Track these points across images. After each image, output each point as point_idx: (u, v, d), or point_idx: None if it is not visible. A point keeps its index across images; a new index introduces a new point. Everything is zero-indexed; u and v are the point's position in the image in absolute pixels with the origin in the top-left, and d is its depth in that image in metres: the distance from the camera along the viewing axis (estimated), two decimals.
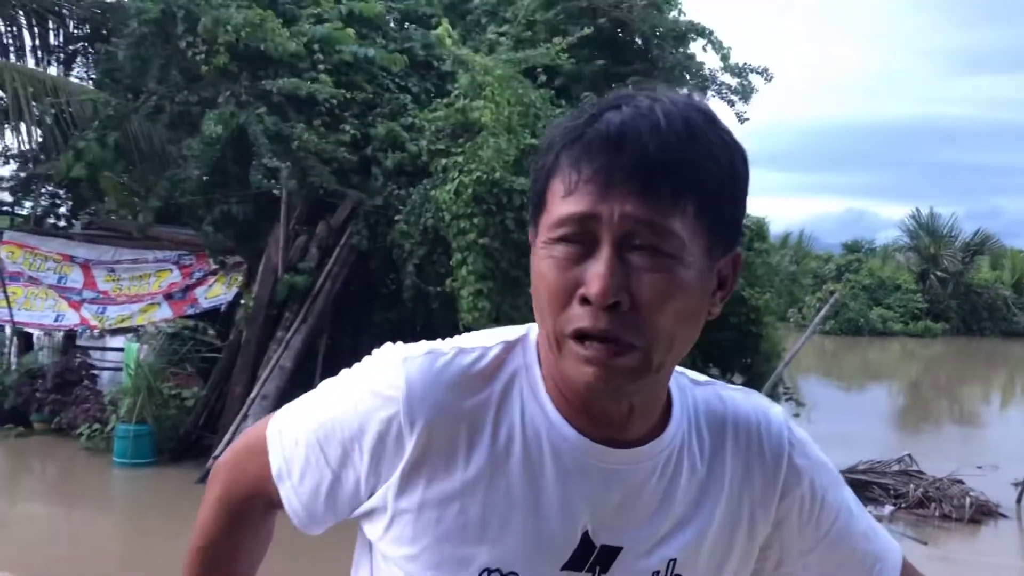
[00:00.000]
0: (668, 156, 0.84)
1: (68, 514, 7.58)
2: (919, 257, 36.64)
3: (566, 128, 0.90)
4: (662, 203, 0.85)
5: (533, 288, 0.92)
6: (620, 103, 0.88)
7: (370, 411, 0.96)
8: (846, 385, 20.09)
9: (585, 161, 0.86)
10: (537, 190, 0.92)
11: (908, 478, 8.67)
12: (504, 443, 0.94)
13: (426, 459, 0.94)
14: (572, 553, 0.95)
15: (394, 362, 0.97)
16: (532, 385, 0.96)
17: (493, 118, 8.11)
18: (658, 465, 0.97)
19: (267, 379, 8.53)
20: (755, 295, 9.16)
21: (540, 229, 0.91)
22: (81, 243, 11.13)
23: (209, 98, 8.96)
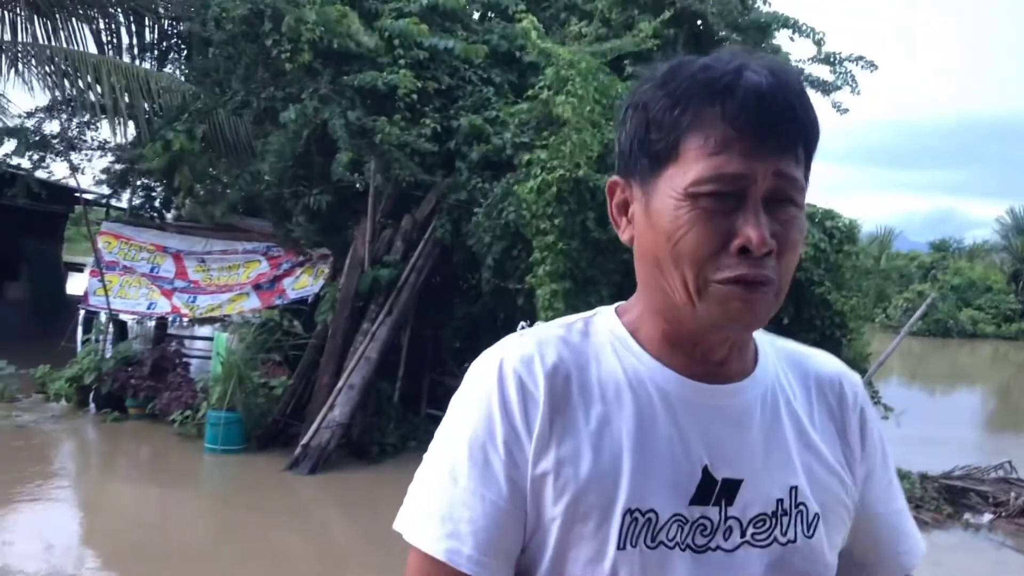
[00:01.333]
0: (799, 115, 0.94)
1: (161, 496, 7.80)
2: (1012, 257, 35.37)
3: (699, 82, 0.93)
4: (797, 158, 0.94)
5: (653, 239, 0.97)
6: (738, 62, 0.94)
7: (490, 408, 0.99)
8: (935, 388, 19.46)
9: (742, 121, 0.91)
10: (666, 142, 0.94)
11: (1008, 485, 8.34)
12: (614, 393, 1.00)
13: (553, 417, 0.98)
14: (697, 488, 0.99)
15: (491, 362, 1.02)
16: (624, 342, 1.04)
17: (576, 114, 8.05)
18: (758, 398, 1.04)
19: (353, 369, 8.64)
20: (841, 298, 8.90)
21: (667, 180, 0.95)
22: (173, 234, 11.45)
23: (294, 94, 9.11)
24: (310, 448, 8.25)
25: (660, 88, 0.95)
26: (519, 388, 0.98)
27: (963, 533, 7.57)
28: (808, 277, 8.80)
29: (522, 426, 0.97)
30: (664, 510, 0.97)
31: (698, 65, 0.94)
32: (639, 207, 0.99)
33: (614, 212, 1.04)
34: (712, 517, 0.99)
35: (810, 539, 1.02)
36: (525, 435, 0.97)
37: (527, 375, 0.99)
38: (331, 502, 7.82)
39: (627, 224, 1.02)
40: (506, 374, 0.99)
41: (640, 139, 0.96)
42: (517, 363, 1.00)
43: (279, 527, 6.95)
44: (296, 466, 8.19)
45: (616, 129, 1.02)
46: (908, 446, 9.70)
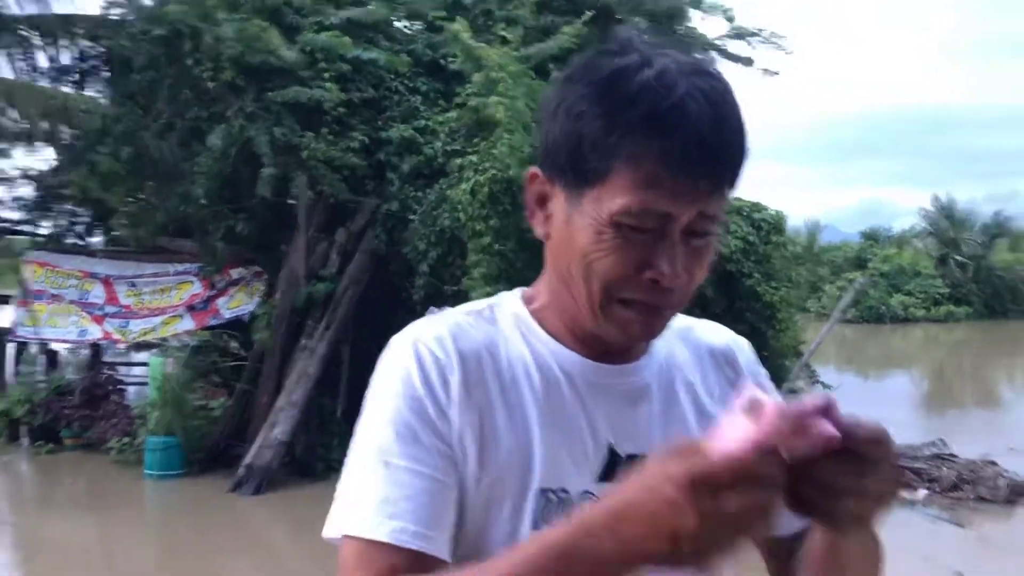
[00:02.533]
0: (734, 156, 0.93)
1: (102, 526, 7.61)
2: (938, 242, 36.46)
3: (640, 111, 0.90)
4: (723, 196, 0.94)
5: (568, 250, 0.97)
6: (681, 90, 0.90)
7: (410, 385, 0.99)
8: (870, 373, 19.96)
9: (677, 164, 0.89)
10: (598, 165, 0.92)
11: (941, 462, 8.61)
12: (523, 375, 1.02)
13: (470, 394, 0.99)
14: (603, 466, 1.02)
15: (402, 342, 1.03)
16: (529, 326, 1.06)
17: (508, 115, 8.10)
18: (655, 375, 1.07)
19: (293, 387, 8.56)
20: (770, 290, 9.08)
21: (592, 200, 0.94)
22: (101, 259, 11.19)
23: (218, 113, 9.01)
24: (253, 468, 8.15)
25: (597, 103, 0.92)
26: (435, 364, 0.99)
27: (899, 510, 7.78)
28: (738, 269, 8.98)
29: (444, 400, 0.98)
30: (575, 488, 0.99)
31: (640, 84, 0.90)
32: (560, 211, 0.99)
33: (531, 203, 1.03)
34: None
35: None
36: (447, 408, 0.98)
37: (441, 353, 1.00)
38: (277, 522, 7.73)
39: (544, 219, 1.02)
40: (422, 352, 1.00)
41: (571, 152, 0.94)
42: (431, 342, 1.01)
43: (225, 550, 6.85)
44: (240, 487, 8.08)
45: (542, 122, 1.00)
46: None
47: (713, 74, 0.94)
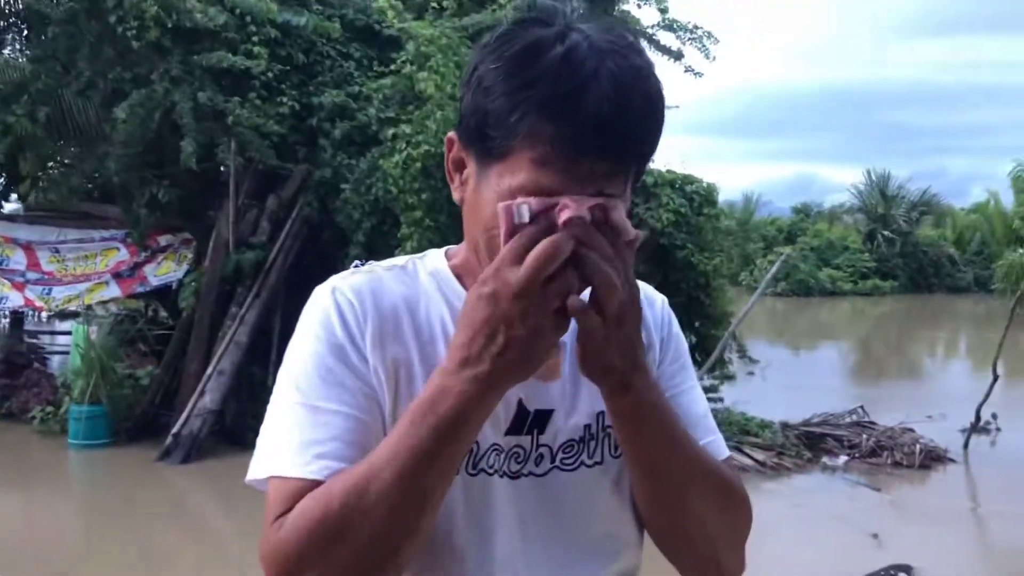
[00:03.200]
0: (633, 145, 0.93)
1: (24, 497, 7.46)
2: (867, 218, 37.34)
3: (542, 92, 0.90)
4: (624, 179, 0.95)
5: (474, 220, 1.00)
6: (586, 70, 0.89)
7: (331, 331, 1.02)
8: (798, 344, 20.45)
9: (571, 149, 0.90)
10: (499, 143, 0.93)
11: (861, 429, 8.89)
12: (441, 331, 1.05)
13: (385, 345, 1.02)
14: (512, 419, 1.05)
15: (323, 292, 1.06)
16: (449, 283, 1.09)
17: (439, 90, 8.04)
18: (568, 335, 1.05)
19: (223, 355, 8.44)
20: (703, 260, 9.22)
21: (495, 175, 0.95)
22: (22, 224, 10.84)
23: (143, 74, 8.75)
24: (181, 437, 8.04)
25: (504, 80, 0.92)
26: (352, 313, 1.02)
27: (821, 475, 8.03)
28: (671, 242, 9.09)
29: (362, 344, 1.01)
30: (484, 440, 1.02)
31: (546, 63, 0.90)
32: (471, 180, 1.01)
33: (450, 167, 1.05)
34: (525, 445, 1.05)
35: (617, 458, 1.09)
36: (366, 352, 1.01)
37: (359, 304, 1.02)
38: (206, 490, 7.65)
39: (460, 184, 1.04)
40: (340, 302, 1.03)
41: (477, 126, 0.95)
42: (349, 292, 1.04)
43: (153, 519, 6.76)
44: (167, 456, 7.97)
45: (462, 88, 1.00)
46: (773, 398, 10.21)
47: (628, 54, 0.93)
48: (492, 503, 1.03)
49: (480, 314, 0.87)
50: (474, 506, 1.02)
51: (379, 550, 0.91)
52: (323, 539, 0.90)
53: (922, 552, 5.96)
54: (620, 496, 1.10)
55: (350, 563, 0.90)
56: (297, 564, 0.91)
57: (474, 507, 1.02)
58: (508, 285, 0.85)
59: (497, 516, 1.03)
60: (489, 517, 1.03)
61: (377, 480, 0.89)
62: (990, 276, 34.90)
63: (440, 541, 1.00)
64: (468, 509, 1.02)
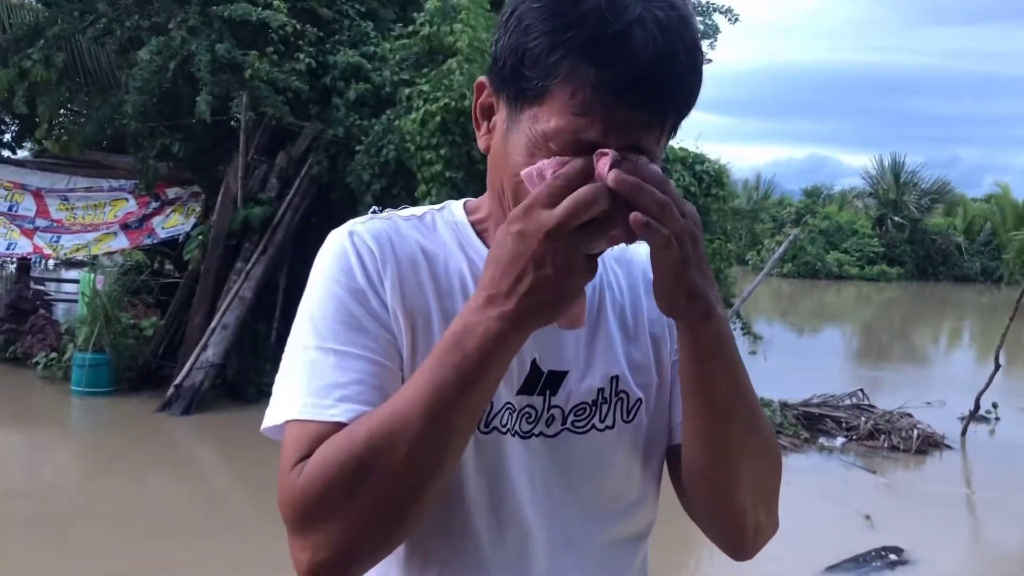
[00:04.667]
0: (676, 94, 0.91)
1: (26, 442, 7.53)
2: (878, 203, 37.14)
3: (585, 33, 0.87)
4: (662, 131, 0.92)
5: (503, 166, 0.97)
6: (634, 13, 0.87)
7: (352, 275, 1.00)
8: (802, 325, 20.44)
9: (612, 96, 0.87)
10: (536, 84, 0.90)
11: (859, 412, 8.90)
12: (459, 285, 1.04)
13: (404, 294, 1.00)
14: (524, 379, 1.04)
15: (341, 234, 1.03)
16: (468, 238, 1.07)
17: (468, 43, 7.95)
18: (585, 294, 1.03)
19: (227, 309, 8.47)
20: (705, 241, 9.18)
21: (529, 118, 0.92)
22: (33, 171, 10.87)
23: (160, 23, 8.70)
24: (183, 389, 8.09)
25: (546, 19, 0.89)
26: (372, 258, 1.00)
27: (818, 456, 8.05)
28: None
29: (381, 289, 0.99)
30: (497, 399, 1.01)
31: (590, 5, 0.87)
32: (500, 126, 0.98)
33: (477, 113, 1.02)
34: (536, 406, 1.05)
35: (629, 423, 1.08)
36: (386, 297, 0.99)
37: (377, 248, 1.01)
38: (205, 442, 7.71)
39: (487, 131, 1.01)
40: (359, 244, 1.01)
41: (513, 66, 0.92)
42: (368, 237, 1.02)
43: (151, 468, 6.82)
44: (168, 407, 8.03)
45: (497, 30, 0.96)
46: (775, 378, 10.22)
47: (673, 3, 0.90)
48: (503, 461, 1.02)
49: (508, 252, 0.85)
50: (486, 463, 1.01)
51: (403, 493, 0.89)
52: (347, 482, 0.87)
53: (914, 535, 5.99)
54: (630, 461, 1.09)
55: (373, 507, 0.88)
56: (320, 509, 0.89)
57: (485, 464, 1.01)
58: (540, 225, 0.83)
59: (508, 474, 1.02)
60: (500, 475, 1.02)
61: (402, 420, 0.87)
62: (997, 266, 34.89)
63: (452, 496, 1.00)
64: (480, 466, 1.01)
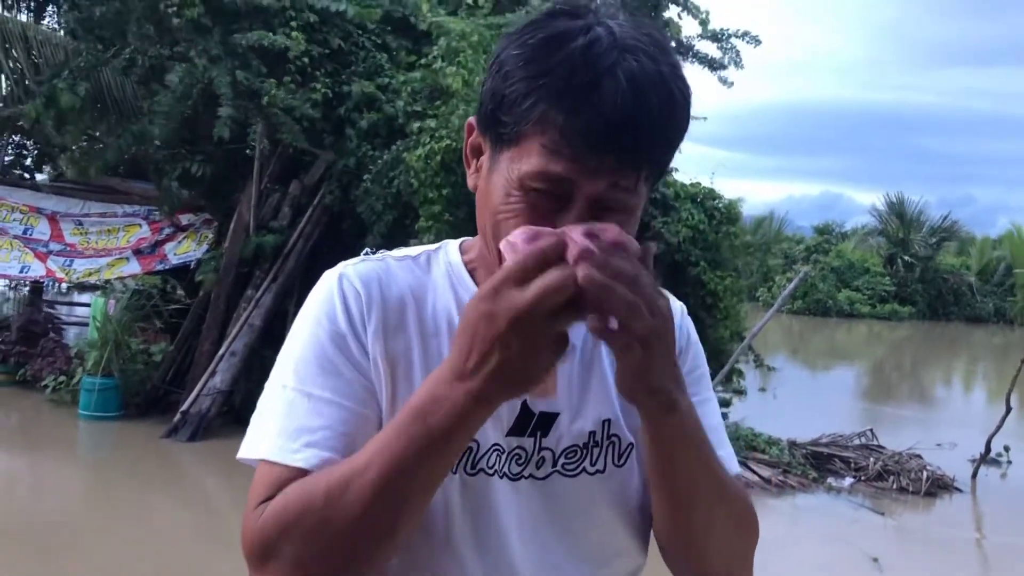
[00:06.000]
0: (650, 142, 0.92)
1: (32, 465, 7.53)
2: (888, 241, 37.05)
3: (556, 81, 0.90)
4: (638, 173, 0.93)
5: (485, 206, 0.99)
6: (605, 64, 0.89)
7: (334, 319, 1.01)
8: (812, 363, 20.33)
9: (580, 141, 0.90)
10: (511, 128, 0.93)
11: (868, 452, 8.82)
12: (447, 325, 1.04)
13: (387, 336, 1.01)
14: (515, 420, 1.04)
15: (331, 277, 1.05)
16: (460, 277, 1.07)
17: (465, 86, 8.05)
18: (579, 336, 1.06)
19: (236, 336, 8.49)
20: (714, 279, 9.12)
21: (507, 160, 0.95)
22: (49, 195, 10.97)
23: (182, 52, 8.81)
24: (189, 415, 8.09)
25: (523, 67, 0.92)
26: (356, 302, 1.01)
27: (825, 496, 7.98)
28: (685, 258, 9.03)
29: (363, 335, 1.00)
30: (485, 440, 1.01)
31: (565, 54, 0.90)
32: (484, 166, 1.01)
33: (468, 152, 1.05)
34: (527, 447, 1.04)
35: (620, 467, 1.08)
36: (367, 346, 1.00)
37: (364, 293, 1.02)
38: (210, 469, 7.69)
39: (475, 170, 1.04)
40: (346, 289, 1.02)
41: (493, 110, 0.95)
42: (356, 280, 1.03)
43: (155, 492, 6.82)
44: (175, 433, 8.03)
45: (486, 78, 0.99)
46: (784, 416, 10.16)
47: (654, 53, 0.92)
48: (490, 504, 1.02)
49: (477, 330, 0.83)
50: (471, 506, 1.01)
51: (353, 548, 0.90)
52: (301, 530, 0.90)
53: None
54: (620, 506, 1.08)
55: (324, 556, 0.90)
56: (274, 551, 0.91)
57: (471, 507, 1.01)
58: (507, 308, 0.81)
59: (495, 517, 1.02)
60: (487, 518, 1.02)
61: (359, 480, 0.88)
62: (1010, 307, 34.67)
63: (437, 540, 1.00)
64: (465, 509, 1.01)
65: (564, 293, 0.80)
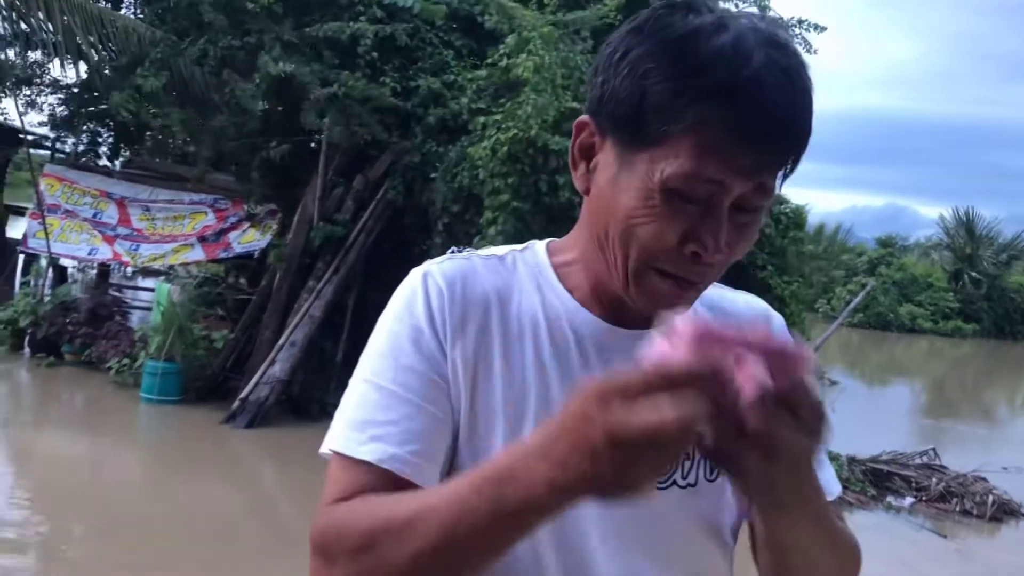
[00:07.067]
0: (802, 133, 0.89)
1: (94, 445, 7.69)
2: (954, 256, 36.18)
3: (713, 78, 0.85)
4: (780, 171, 0.91)
5: (610, 209, 0.93)
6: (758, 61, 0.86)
7: (414, 315, 0.99)
8: (871, 378, 19.92)
9: (745, 137, 0.86)
10: (659, 128, 0.88)
11: (931, 472, 8.59)
12: (531, 329, 1.01)
13: (467, 340, 0.98)
14: None
15: (416, 274, 1.03)
16: (548, 279, 1.04)
17: (535, 74, 7.99)
18: None
19: (296, 327, 8.58)
20: (782, 284, 8.99)
21: (645, 161, 0.89)
22: (119, 181, 11.22)
23: (253, 43, 8.92)
24: (248, 402, 8.19)
25: (667, 64, 0.87)
26: (439, 300, 0.99)
27: (885, 515, 7.79)
28: (752, 261, 8.90)
29: (443, 333, 0.98)
30: None
31: (714, 50, 0.86)
32: (606, 167, 0.95)
33: (575, 152, 0.99)
34: None
35: (712, 482, 1.04)
36: (445, 345, 0.98)
37: (448, 291, 1.00)
38: (266, 456, 7.78)
39: (586, 171, 0.98)
40: (430, 287, 1.00)
41: (632, 109, 0.89)
42: (440, 278, 1.01)
43: (210, 477, 6.91)
44: (233, 419, 8.13)
45: (598, 71, 0.94)
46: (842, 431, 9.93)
47: (789, 47, 0.90)
48: (575, 516, 0.97)
49: (572, 423, 0.73)
50: (557, 520, 0.96)
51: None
52: (356, 548, 0.87)
53: None
54: (710, 524, 1.05)
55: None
56: (332, 560, 0.90)
57: (556, 521, 0.95)
58: (607, 424, 0.70)
59: (581, 530, 0.99)
60: (573, 530, 0.98)
61: (421, 523, 0.83)
62: None
63: (520, 553, 0.96)
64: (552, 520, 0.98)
65: (681, 441, 0.70)
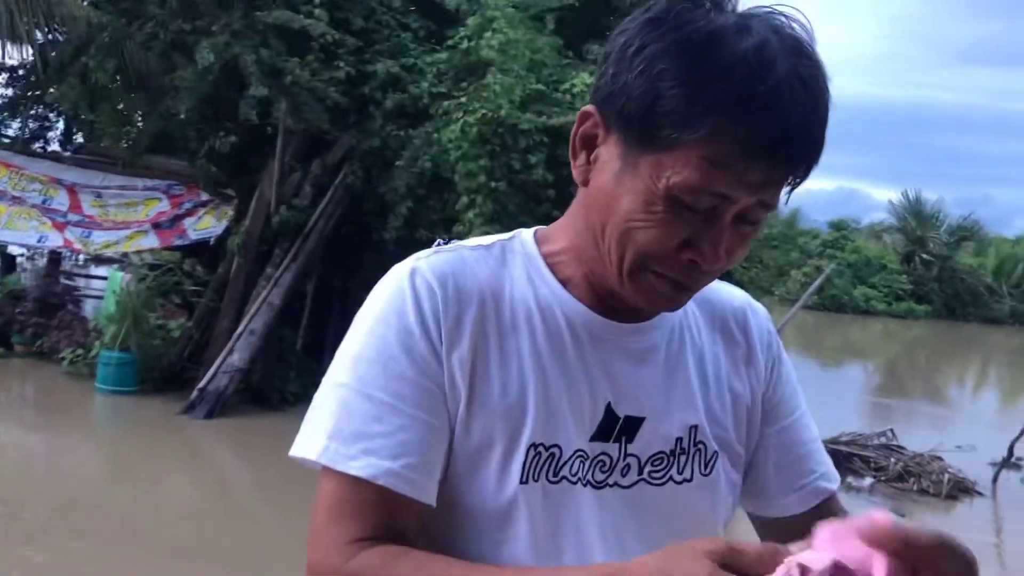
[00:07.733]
0: (818, 148, 0.87)
1: (48, 437, 7.52)
2: (905, 239, 36.82)
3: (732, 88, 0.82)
4: (787, 186, 0.89)
5: (609, 206, 0.90)
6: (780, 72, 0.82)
7: (404, 318, 0.94)
8: (827, 360, 20.21)
9: (758, 153, 0.83)
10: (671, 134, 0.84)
11: (889, 452, 8.73)
12: (525, 322, 0.97)
13: (467, 337, 0.94)
14: (598, 424, 0.98)
15: (401, 271, 0.97)
16: (540, 270, 1.00)
17: (501, 53, 7.91)
18: (664, 337, 1.03)
19: (255, 315, 8.45)
20: (739, 270, 9.06)
21: (651, 165, 0.86)
22: (70, 167, 10.92)
23: (203, 27, 8.73)
24: (207, 392, 8.06)
25: (684, 67, 0.83)
26: (431, 299, 0.94)
27: (845, 496, 7.86)
28: None
29: (436, 338, 0.93)
30: (567, 445, 0.95)
31: (736, 57, 0.82)
32: (608, 161, 0.91)
33: (576, 142, 0.94)
34: (612, 454, 0.98)
35: (707, 477, 1.03)
36: (439, 348, 0.93)
37: (440, 289, 0.94)
38: (226, 446, 7.68)
39: (587, 163, 0.94)
40: (419, 286, 0.94)
41: (643, 110, 0.85)
42: (430, 276, 0.95)
43: (170, 468, 6.82)
44: (192, 410, 8.00)
45: (609, 62, 0.90)
46: None
47: (813, 57, 0.86)
48: (572, 514, 0.96)
49: None
50: (553, 516, 0.95)
51: None
52: None
53: None
54: (707, 518, 1.04)
55: None
56: None
57: (553, 517, 0.95)
58: None
59: (579, 528, 0.96)
60: (570, 529, 0.96)
61: None
62: None
63: (515, 551, 0.94)
64: (547, 519, 0.95)
65: None
